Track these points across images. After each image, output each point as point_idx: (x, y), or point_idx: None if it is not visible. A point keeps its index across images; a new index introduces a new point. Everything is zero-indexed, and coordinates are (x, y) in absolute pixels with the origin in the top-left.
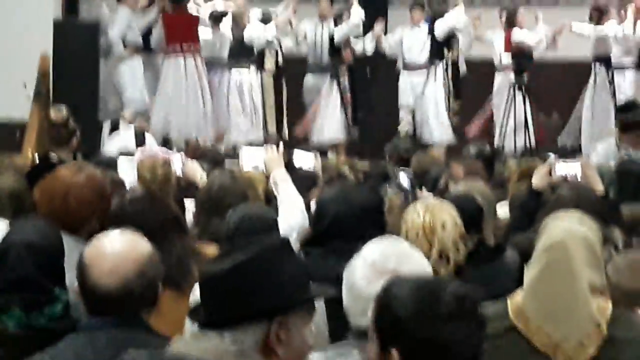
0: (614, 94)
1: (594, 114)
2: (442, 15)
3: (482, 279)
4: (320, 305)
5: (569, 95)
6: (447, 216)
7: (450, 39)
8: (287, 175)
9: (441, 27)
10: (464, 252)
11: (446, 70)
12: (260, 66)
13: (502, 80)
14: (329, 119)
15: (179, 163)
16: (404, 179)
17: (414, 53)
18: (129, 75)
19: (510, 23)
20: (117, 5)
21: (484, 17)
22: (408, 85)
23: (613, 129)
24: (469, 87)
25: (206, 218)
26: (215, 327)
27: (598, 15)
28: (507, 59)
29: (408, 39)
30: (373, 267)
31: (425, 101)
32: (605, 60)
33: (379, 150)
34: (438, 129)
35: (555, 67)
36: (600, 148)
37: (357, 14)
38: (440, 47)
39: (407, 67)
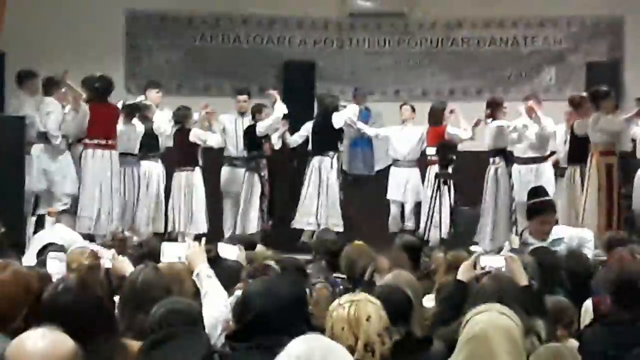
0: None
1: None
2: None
3: None
4: None
5: None
6: (371, 309)
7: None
8: (210, 270)
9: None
10: (390, 344)
11: None
12: None
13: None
14: (252, 210)
15: (108, 258)
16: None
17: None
18: (64, 169)
19: (436, 119)
20: (43, 99)
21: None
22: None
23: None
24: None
25: (130, 313)
26: None
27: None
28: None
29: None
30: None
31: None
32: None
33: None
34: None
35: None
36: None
37: (280, 109)
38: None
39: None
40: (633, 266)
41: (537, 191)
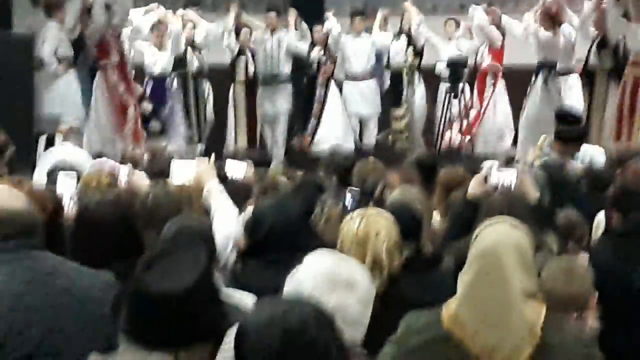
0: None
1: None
2: None
3: (419, 287)
4: None
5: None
6: (382, 225)
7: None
8: (220, 187)
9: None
10: (399, 261)
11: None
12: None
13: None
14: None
15: (125, 174)
16: (348, 199)
17: (360, 62)
18: (64, 91)
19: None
20: (46, 20)
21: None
22: (355, 94)
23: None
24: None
25: (142, 231)
26: (162, 348)
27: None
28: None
29: (351, 48)
30: (326, 277)
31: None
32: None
33: None
34: None
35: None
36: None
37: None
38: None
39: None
40: (634, 176)
41: (566, 115)
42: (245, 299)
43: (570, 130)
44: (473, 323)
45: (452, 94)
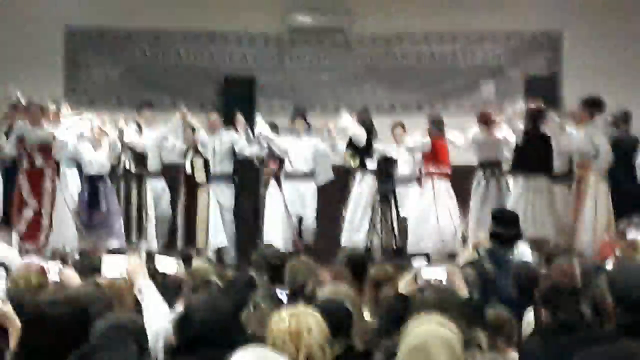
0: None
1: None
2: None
3: None
4: None
5: None
6: (312, 321)
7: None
8: (150, 283)
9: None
10: (331, 357)
11: None
12: None
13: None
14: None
15: (55, 271)
16: (284, 297)
17: (300, 163)
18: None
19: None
20: None
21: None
22: (294, 194)
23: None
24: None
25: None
26: None
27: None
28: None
29: (292, 148)
30: None
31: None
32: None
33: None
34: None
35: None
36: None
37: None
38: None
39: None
40: (564, 274)
41: (502, 216)
42: None
43: (507, 232)
44: None
45: (381, 194)
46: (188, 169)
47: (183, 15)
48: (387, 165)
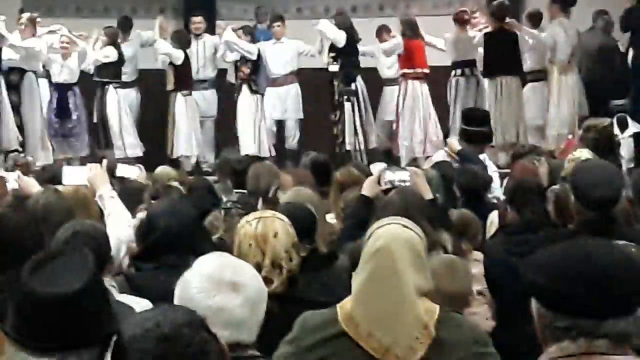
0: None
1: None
2: None
3: (316, 286)
4: None
5: None
6: (279, 225)
7: None
8: (112, 191)
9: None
10: (297, 261)
11: None
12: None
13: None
14: None
15: (13, 180)
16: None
17: (278, 67)
18: None
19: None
20: None
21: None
22: (274, 98)
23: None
24: None
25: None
26: (49, 352)
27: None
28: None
29: (270, 53)
30: (210, 279)
31: None
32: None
33: None
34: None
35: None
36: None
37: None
38: None
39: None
40: (527, 172)
41: (473, 116)
42: (139, 304)
43: (476, 131)
44: (368, 322)
45: (346, 97)
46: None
47: None
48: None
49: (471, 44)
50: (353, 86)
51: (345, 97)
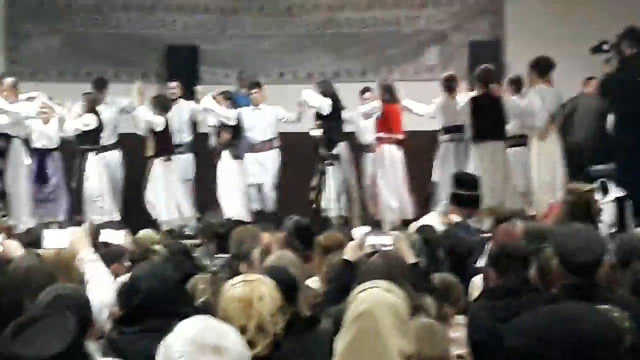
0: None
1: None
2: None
3: (299, 350)
4: None
5: None
6: (264, 289)
7: None
8: (94, 255)
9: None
10: (282, 324)
11: None
12: None
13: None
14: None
15: None
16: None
17: (259, 134)
18: None
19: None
20: None
21: None
22: (255, 164)
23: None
24: None
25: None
26: None
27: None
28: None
29: (250, 120)
30: (193, 343)
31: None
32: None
33: None
34: None
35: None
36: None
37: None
38: None
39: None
40: (509, 236)
41: (463, 179)
42: None
43: (467, 195)
44: None
45: (328, 162)
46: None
47: None
48: (331, 133)
49: (458, 109)
50: (335, 151)
51: (328, 162)
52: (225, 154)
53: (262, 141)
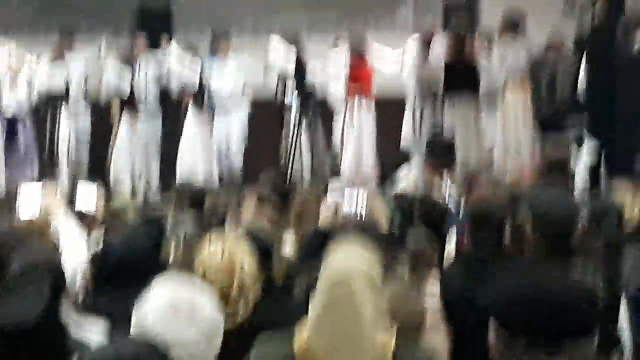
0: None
1: None
2: None
3: (271, 317)
4: None
5: None
6: (245, 252)
7: None
8: (68, 219)
9: None
10: (259, 290)
11: None
12: None
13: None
14: None
15: None
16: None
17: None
18: None
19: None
20: None
21: None
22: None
23: None
24: None
25: None
26: None
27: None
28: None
29: (216, 73)
30: (167, 307)
31: None
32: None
33: None
34: None
35: None
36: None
37: None
38: None
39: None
40: (482, 199)
41: (437, 140)
42: (94, 331)
43: (440, 158)
44: (324, 353)
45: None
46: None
47: None
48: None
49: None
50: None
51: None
52: (189, 114)
53: (229, 97)
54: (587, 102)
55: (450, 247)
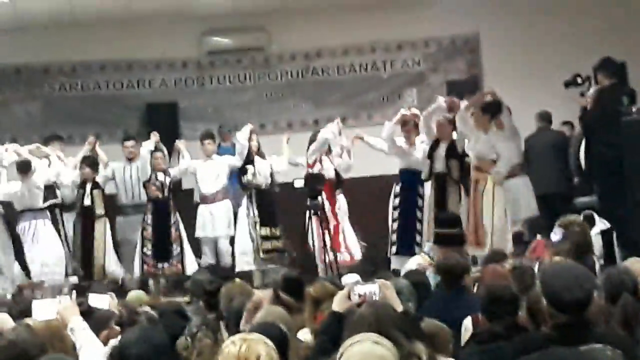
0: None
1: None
2: None
3: None
4: None
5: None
6: (262, 348)
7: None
8: (83, 323)
9: None
10: None
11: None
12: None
13: None
14: None
15: None
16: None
17: (209, 185)
18: None
19: None
20: None
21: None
22: (207, 216)
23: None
24: None
25: None
26: None
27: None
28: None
29: (201, 171)
30: None
31: None
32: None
33: None
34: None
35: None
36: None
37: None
38: None
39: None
40: (498, 277)
41: (445, 219)
42: None
43: (449, 233)
44: None
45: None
46: (87, 201)
47: (99, 46)
48: (314, 182)
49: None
50: (319, 199)
51: (312, 211)
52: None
53: (213, 193)
54: (596, 179)
55: (467, 325)
